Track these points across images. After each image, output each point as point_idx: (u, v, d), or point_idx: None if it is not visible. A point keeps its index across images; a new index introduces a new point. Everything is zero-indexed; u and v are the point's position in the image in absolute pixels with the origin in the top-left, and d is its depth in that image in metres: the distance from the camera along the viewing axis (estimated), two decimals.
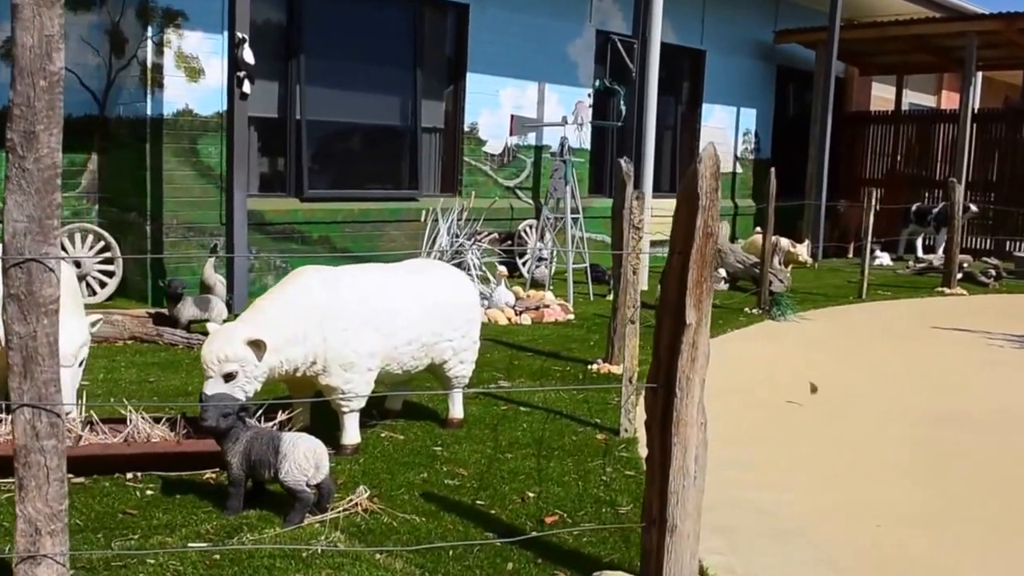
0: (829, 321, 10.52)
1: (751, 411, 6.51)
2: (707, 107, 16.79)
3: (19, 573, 3.00)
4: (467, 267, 10.44)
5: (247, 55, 8.22)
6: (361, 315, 4.92)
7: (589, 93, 13.92)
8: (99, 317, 4.92)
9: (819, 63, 17.28)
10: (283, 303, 4.78)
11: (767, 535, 4.31)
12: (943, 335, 9.85)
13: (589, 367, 7.51)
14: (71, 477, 4.37)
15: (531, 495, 4.54)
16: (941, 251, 15.54)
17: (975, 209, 16.73)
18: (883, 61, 19.91)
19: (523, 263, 12.46)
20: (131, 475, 4.48)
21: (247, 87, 8.30)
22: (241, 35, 8.18)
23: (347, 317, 4.86)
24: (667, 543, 3.38)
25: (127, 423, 4.72)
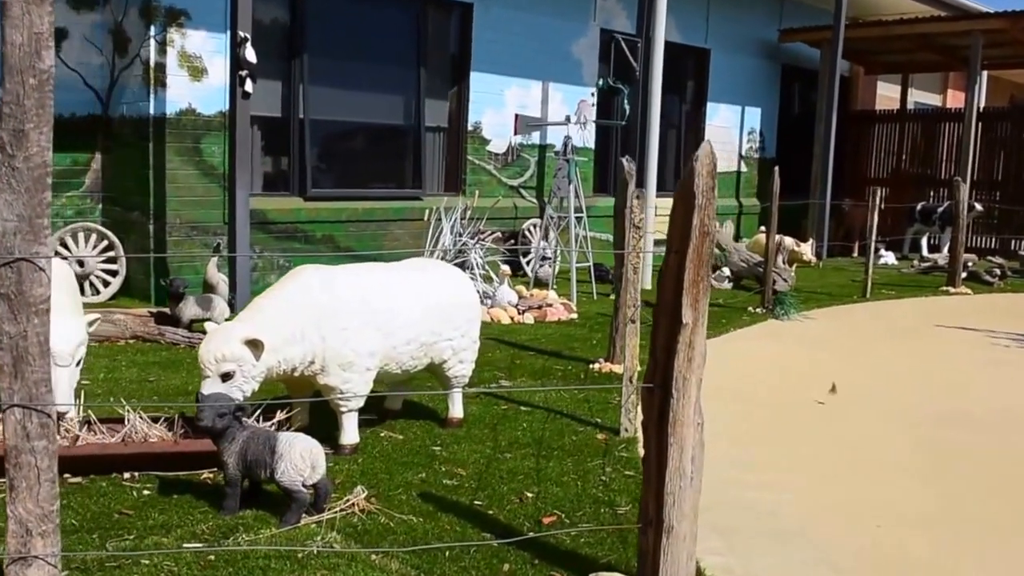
0: (833, 320, 10.49)
1: (752, 410, 6.49)
2: (712, 106, 16.75)
3: (10, 574, 2.99)
4: (470, 266, 10.43)
5: (249, 54, 8.21)
6: (360, 314, 4.90)
7: (592, 92, 13.89)
8: (97, 316, 4.91)
9: (824, 62, 17.23)
10: (281, 302, 4.77)
11: (767, 535, 4.29)
12: (947, 334, 9.82)
13: (591, 366, 7.49)
14: (68, 477, 4.37)
15: (529, 495, 4.52)
16: (946, 250, 15.50)
17: (980, 208, 16.69)
18: (888, 60, 19.85)
19: (527, 262, 12.45)
20: (128, 475, 4.46)
21: (249, 86, 8.29)
22: (243, 34, 8.16)
23: (346, 316, 4.84)
24: (663, 544, 3.36)
25: (125, 423, 4.71)
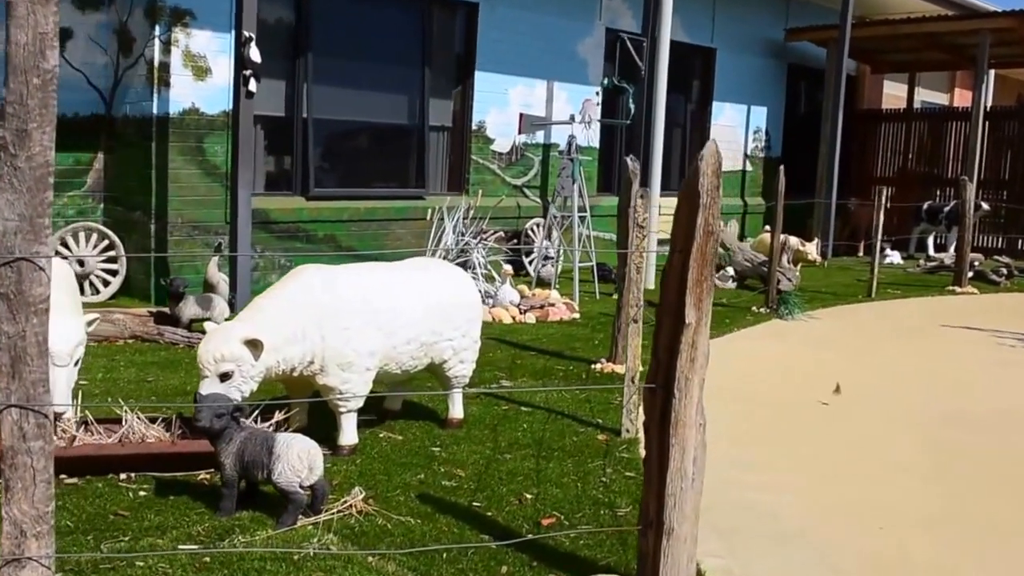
0: (837, 320, 10.44)
1: (755, 410, 6.45)
2: (717, 105, 16.69)
3: (3, 575, 2.97)
4: (472, 265, 10.39)
5: (253, 53, 8.18)
6: (361, 314, 4.87)
7: (597, 91, 13.85)
8: (96, 316, 4.88)
9: (830, 61, 17.17)
10: (282, 302, 4.74)
11: (767, 537, 4.25)
12: (952, 334, 9.76)
13: (593, 367, 7.45)
14: (64, 478, 4.35)
15: (529, 497, 4.49)
16: (952, 249, 15.42)
17: (987, 207, 16.62)
18: (895, 59, 19.77)
19: (530, 262, 12.41)
20: (125, 476, 4.43)
21: (253, 85, 8.26)
22: (248, 34, 8.14)
23: (347, 316, 4.81)
24: (663, 546, 3.33)
25: (122, 423, 4.69)
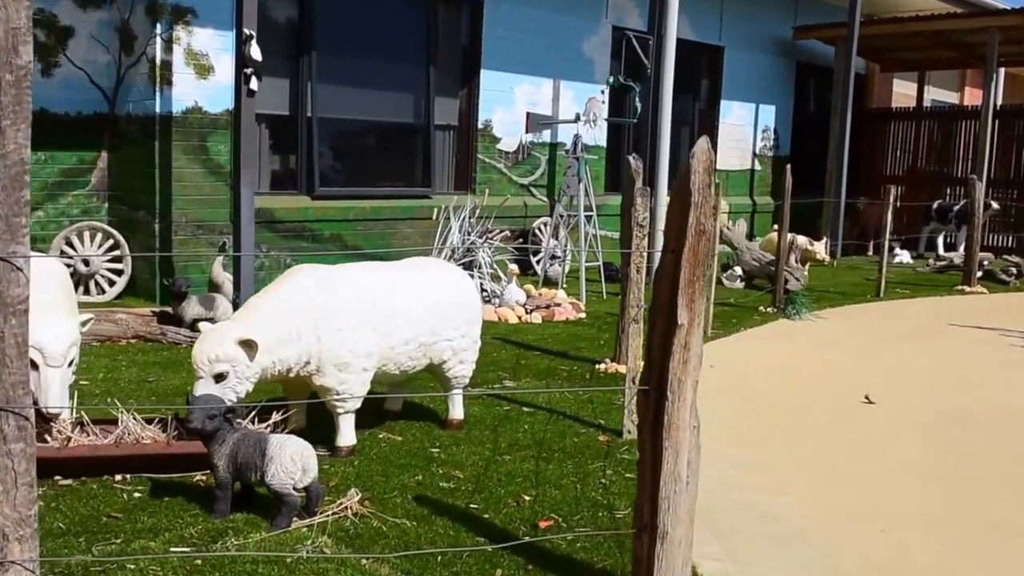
0: (845, 320, 10.37)
1: (759, 410, 6.40)
2: (725, 104, 16.62)
3: None
4: (478, 265, 10.35)
5: (254, 52, 8.14)
6: (357, 314, 4.83)
7: (603, 90, 13.79)
8: (90, 316, 4.85)
9: (839, 59, 17.09)
10: (277, 302, 4.71)
11: (767, 539, 4.20)
12: (960, 334, 9.68)
13: (597, 367, 7.40)
14: (58, 479, 4.32)
15: (527, 498, 4.45)
16: (962, 249, 15.33)
17: (996, 206, 16.52)
18: (904, 57, 19.67)
19: (536, 261, 12.36)
20: (120, 477, 4.41)
21: (254, 84, 8.23)
22: (248, 31, 8.10)
23: (343, 316, 4.78)
24: (658, 550, 3.28)
25: (118, 424, 4.66)
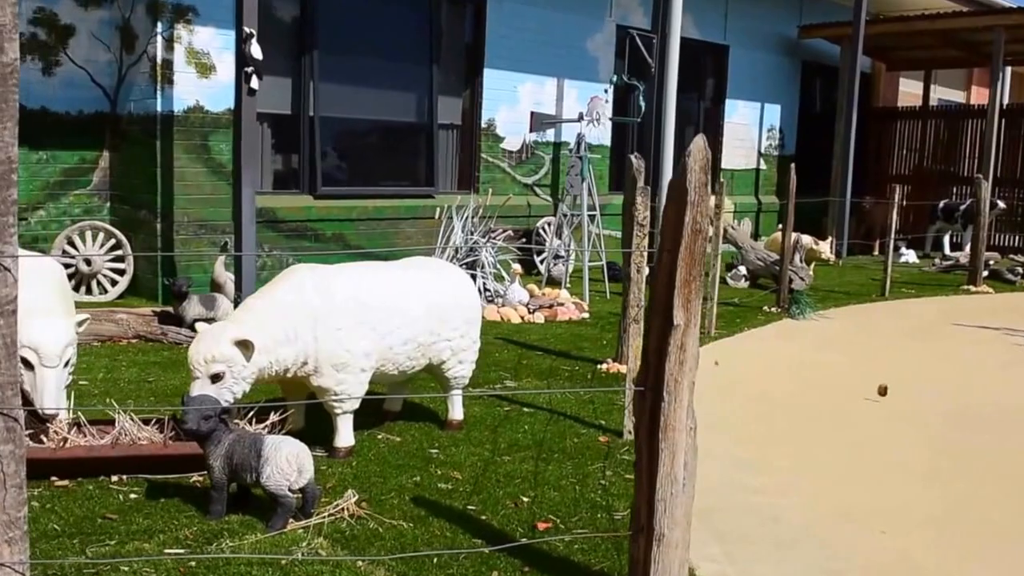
0: (849, 319, 10.32)
1: (761, 410, 6.36)
2: (731, 103, 16.57)
3: None
4: (481, 265, 10.31)
5: (255, 50, 8.12)
6: (355, 314, 4.80)
7: (606, 89, 13.74)
8: (86, 316, 4.83)
9: (844, 58, 17.02)
10: (273, 302, 4.68)
11: (767, 541, 4.16)
12: (965, 334, 9.62)
13: (599, 367, 7.37)
14: (55, 480, 4.30)
15: (525, 500, 4.41)
16: (968, 248, 15.25)
17: (1003, 205, 16.44)
18: (910, 56, 19.59)
19: (540, 260, 12.33)
20: (116, 478, 4.38)
21: (255, 83, 8.20)
22: (248, 30, 8.08)
23: (340, 316, 4.75)
24: (654, 553, 3.25)
25: (116, 425, 4.63)
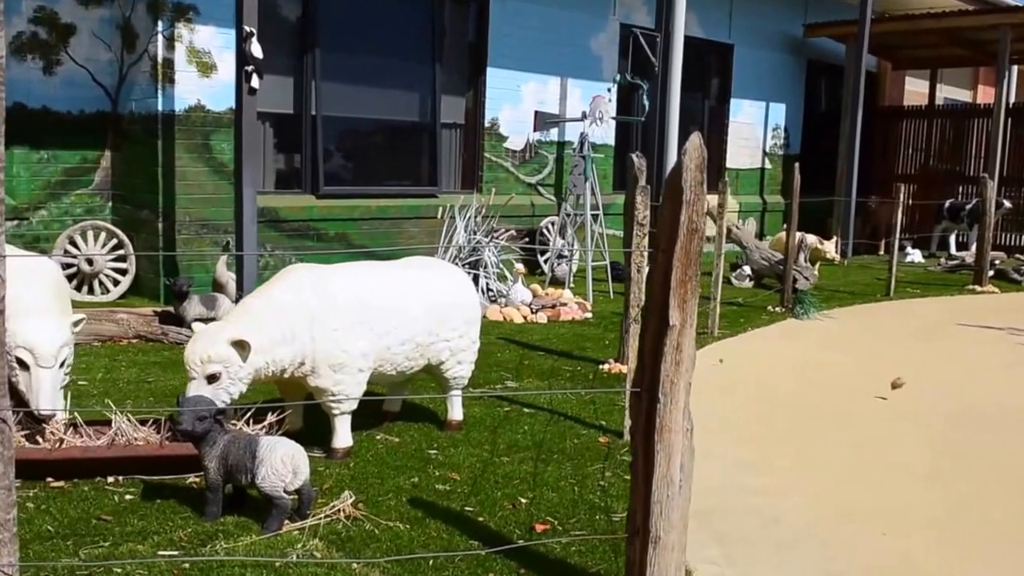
0: (853, 319, 10.27)
1: (762, 410, 6.32)
2: (735, 102, 16.54)
3: None
4: (484, 264, 10.29)
5: (255, 49, 8.09)
6: (352, 314, 4.78)
7: (609, 88, 13.71)
8: (82, 317, 4.81)
9: (849, 57, 16.96)
10: (270, 302, 4.66)
11: (767, 543, 4.13)
12: (970, 334, 9.57)
13: (601, 367, 7.34)
14: (50, 481, 4.28)
15: (523, 501, 4.38)
16: (974, 248, 15.19)
17: (1008, 205, 16.39)
18: (916, 55, 19.53)
19: (544, 260, 12.30)
20: (112, 479, 4.36)
21: (255, 82, 8.18)
22: (249, 29, 8.06)
23: (337, 316, 4.72)
24: (650, 555, 3.21)
25: (112, 425, 4.62)
